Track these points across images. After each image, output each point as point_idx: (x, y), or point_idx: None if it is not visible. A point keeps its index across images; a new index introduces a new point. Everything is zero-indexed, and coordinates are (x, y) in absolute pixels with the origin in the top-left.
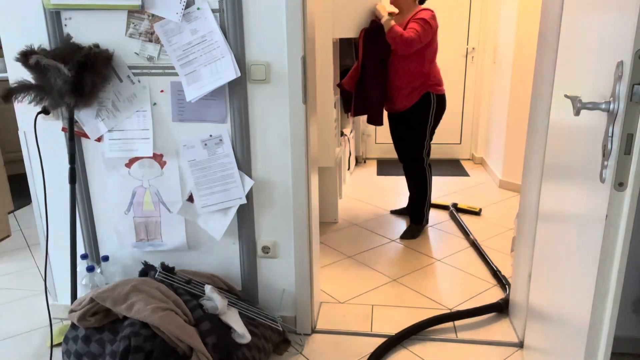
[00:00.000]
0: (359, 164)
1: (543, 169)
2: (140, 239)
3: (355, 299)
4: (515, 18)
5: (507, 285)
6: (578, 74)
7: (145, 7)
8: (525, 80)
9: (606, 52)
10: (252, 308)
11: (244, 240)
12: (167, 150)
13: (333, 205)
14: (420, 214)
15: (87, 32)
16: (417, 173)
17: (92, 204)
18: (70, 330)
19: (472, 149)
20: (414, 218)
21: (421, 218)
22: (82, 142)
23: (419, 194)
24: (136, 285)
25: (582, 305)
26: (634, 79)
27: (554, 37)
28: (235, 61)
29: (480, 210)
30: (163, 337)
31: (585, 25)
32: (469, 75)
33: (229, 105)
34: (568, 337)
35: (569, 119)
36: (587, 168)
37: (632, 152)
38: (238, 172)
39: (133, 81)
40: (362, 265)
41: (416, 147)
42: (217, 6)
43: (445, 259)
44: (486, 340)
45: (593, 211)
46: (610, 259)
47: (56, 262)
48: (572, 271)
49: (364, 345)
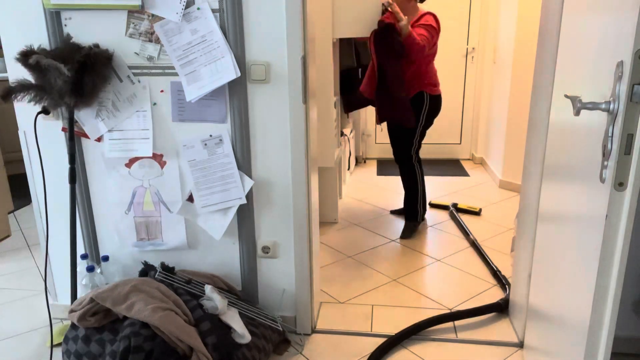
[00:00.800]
0: (359, 164)
1: (543, 169)
2: (141, 238)
3: (355, 299)
4: (515, 18)
5: (507, 285)
6: (578, 74)
7: (145, 7)
8: (525, 80)
9: (606, 52)
10: (252, 308)
11: (244, 240)
12: (167, 150)
13: (333, 205)
14: (414, 210)
15: (87, 32)
16: (406, 170)
17: (92, 203)
18: (70, 330)
19: (472, 149)
20: (409, 215)
21: (415, 215)
22: (82, 142)
23: (411, 190)
24: (136, 285)
25: (582, 305)
26: (634, 79)
27: (554, 37)
28: (235, 61)
29: (480, 210)
30: (163, 337)
31: (585, 25)
32: (469, 75)
33: (229, 105)
34: (568, 337)
35: (569, 119)
36: (587, 168)
37: (632, 152)
38: (238, 172)
39: (133, 81)
40: (362, 265)
41: (405, 145)
42: (217, 6)
43: (445, 259)
44: (486, 340)
45: (593, 211)
46: (610, 259)
47: (56, 262)
48: (572, 271)
49: (364, 345)
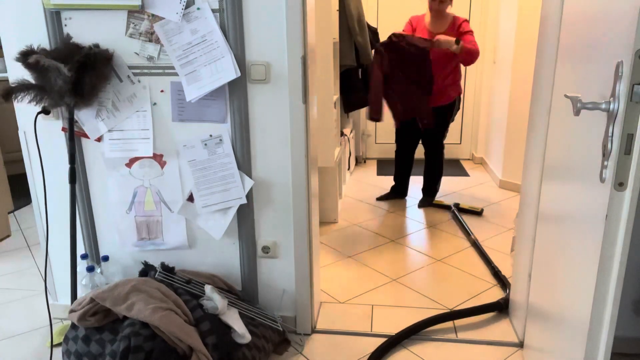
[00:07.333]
0: (359, 164)
1: (543, 169)
2: (142, 237)
3: (355, 299)
4: (515, 18)
5: (507, 285)
6: (578, 74)
7: (145, 7)
8: (525, 80)
9: (606, 52)
10: (252, 308)
11: (244, 240)
12: (167, 150)
13: (333, 205)
14: (435, 188)
15: (87, 32)
16: (439, 155)
17: (92, 203)
18: (70, 330)
19: (472, 149)
20: (431, 192)
21: (435, 192)
22: (82, 142)
23: (438, 171)
24: (136, 285)
25: (582, 305)
26: (634, 79)
27: (554, 37)
28: (235, 61)
29: (482, 210)
30: (163, 337)
31: (585, 25)
32: (469, 75)
33: (229, 105)
34: (568, 337)
35: (569, 119)
36: (587, 168)
37: (632, 152)
38: (238, 172)
39: (133, 81)
40: (362, 265)
41: (443, 134)
42: (217, 6)
43: (445, 259)
44: (486, 340)
45: (593, 211)
46: (610, 259)
47: (56, 262)
48: (572, 271)
49: (364, 345)
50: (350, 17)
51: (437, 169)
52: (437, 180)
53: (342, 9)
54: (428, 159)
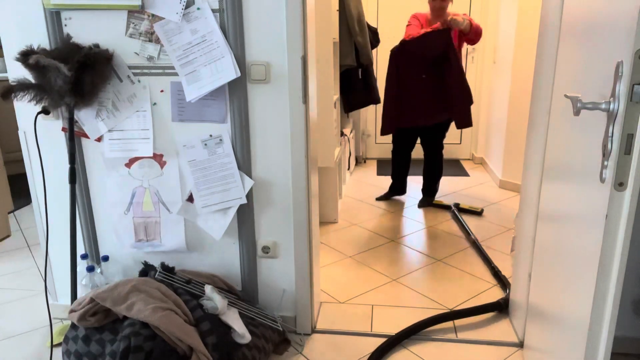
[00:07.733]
0: (359, 164)
1: (543, 169)
2: (139, 239)
3: (355, 299)
4: (515, 18)
5: (507, 285)
6: (578, 74)
7: (145, 7)
8: (525, 80)
9: (606, 52)
10: (252, 308)
11: (244, 240)
12: (167, 150)
13: (333, 205)
14: (435, 188)
15: (87, 32)
16: (439, 156)
17: (92, 204)
18: (70, 330)
19: (472, 149)
20: (431, 192)
21: (435, 191)
22: (82, 142)
23: (438, 172)
24: (136, 285)
25: (582, 305)
26: (634, 79)
27: (554, 37)
28: (235, 61)
29: (482, 210)
30: (163, 337)
31: (585, 25)
32: (469, 75)
33: (229, 105)
34: (568, 337)
35: (569, 119)
36: (587, 168)
37: (632, 152)
38: (238, 172)
39: (133, 81)
40: (362, 265)
41: (443, 134)
42: (217, 6)
43: (445, 259)
44: (486, 340)
45: (593, 211)
46: (610, 259)
47: (56, 262)
48: (572, 271)
49: (364, 345)
50: (350, 17)
51: (437, 169)
52: (437, 180)
53: (342, 9)
54: (427, 159)
